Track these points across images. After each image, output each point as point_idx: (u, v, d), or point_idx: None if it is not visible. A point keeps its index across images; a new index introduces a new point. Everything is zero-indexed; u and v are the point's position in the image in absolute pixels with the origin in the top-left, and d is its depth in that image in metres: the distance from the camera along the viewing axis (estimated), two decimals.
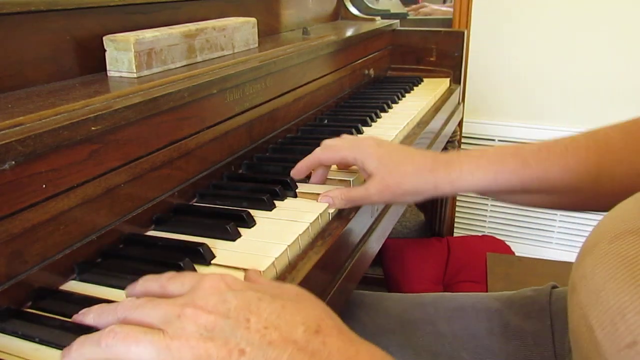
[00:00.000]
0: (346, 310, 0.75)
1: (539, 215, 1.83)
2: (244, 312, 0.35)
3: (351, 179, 0.70)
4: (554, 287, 0.70)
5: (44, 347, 0.42)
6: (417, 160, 0.63)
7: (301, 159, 0.69)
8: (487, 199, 1.89)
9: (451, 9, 1.75)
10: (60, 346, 0.41)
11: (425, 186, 0.62)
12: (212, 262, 0.52)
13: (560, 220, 1.81)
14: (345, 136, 0.69)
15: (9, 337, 0.43)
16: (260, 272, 0.49)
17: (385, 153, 0.64)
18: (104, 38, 0.67)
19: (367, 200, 0.64)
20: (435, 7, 2.04)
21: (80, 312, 0.41)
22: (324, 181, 0.71)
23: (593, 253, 0.38)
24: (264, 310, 0.36)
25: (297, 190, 0.68)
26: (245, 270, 0.50)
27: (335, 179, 0.71)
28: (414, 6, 2.04)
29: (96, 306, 0.41)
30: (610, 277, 0.35)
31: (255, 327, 0.35)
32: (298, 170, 0.69)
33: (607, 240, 0.37)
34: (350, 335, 0.37)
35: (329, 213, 0.64)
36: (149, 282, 0.42)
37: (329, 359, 0.34)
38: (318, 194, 0.66)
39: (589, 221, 1.76)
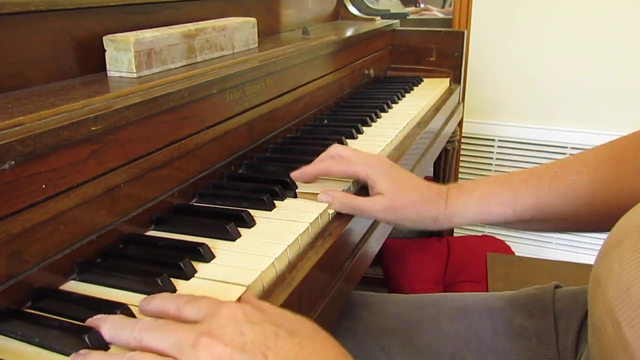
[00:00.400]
0: (349, 310, 0.75)
1: None
2: (260, 347, 0.35)
3: (344, 188, 0.69)
4: (557, 286, 0.69)
5: (43, 347, 0.42)
6: (424, 191, 0.66)
7: (301, 159, 0.69)
8: None
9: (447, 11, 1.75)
10: (60, 346, 0.41)
11: (426, 217, 0.65)
12: (213, 261, 0.52)
13: None
14: (354, 150, 0.70)
15: (9, 337, 0.43)
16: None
17: (398, 178, 0.66)
18: (104, 38, 0.67)
19: (368, 213, 0.65)
20: (434, 10, 2.04)
21: (96, 317, 0.41)
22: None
23: (621, 247, 0.38)
24: (281, 347, 0.35)
25: (297, 190, 0.68)
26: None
27: (330, 180, 0.71)
28: (414, 8, 2.04)
29: (114, 316, 0.41)
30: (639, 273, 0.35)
31: None
32: (303, 175, 0.69)
33: (637, 235, 0.37)
34: None
35: (329, 213, 0.64)
36: (166, 301, 0.41)
37: None
38: (317, 194, 0.66)
39: None
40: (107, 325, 0.40)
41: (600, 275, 0.39)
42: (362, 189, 0.72)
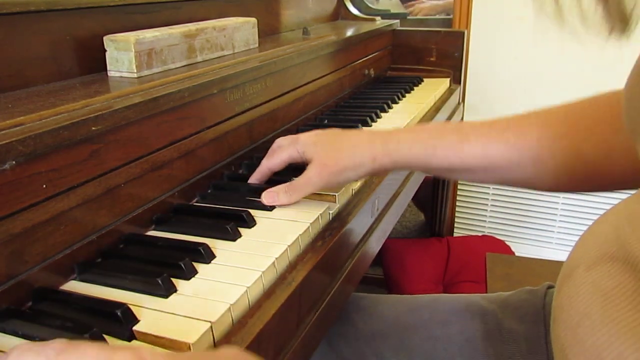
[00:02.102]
0: (341, 313, 0.74)
1: (539, 215, 1.83)
2: None
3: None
4: (550, 287, 0.69)
5: None
6: (353, 137, 0.64)
7: None
8: (487, 198, 1.89)
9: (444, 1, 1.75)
10: None
11: (362, 159, 0.62)
12: (213, 261, 0.52)
13: (560, 221, 1.81)
14: (289, 136, 0.70)
15: (9, 337, 0.43)
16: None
17: (323, 137, 0.65)
18: (104, 38, 0.67)
19: (309, 185, 0.63)
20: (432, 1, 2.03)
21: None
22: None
23: (570, 281, 0.37)
24: None
25: None
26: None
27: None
28: (411, 2, 2.03)
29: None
30: (585, 312, 0.34)
31: None
32: (256, 182, 0.70)
33: (584, 267, 0.36)
34: None
35: (329, 213, 0.64)
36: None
37: None
38: (319, 194, 0.66)
39: (589, 221, 1.76)
40: None
41: (555, 311, 0.38)
42: (364, 188, 0.73)
